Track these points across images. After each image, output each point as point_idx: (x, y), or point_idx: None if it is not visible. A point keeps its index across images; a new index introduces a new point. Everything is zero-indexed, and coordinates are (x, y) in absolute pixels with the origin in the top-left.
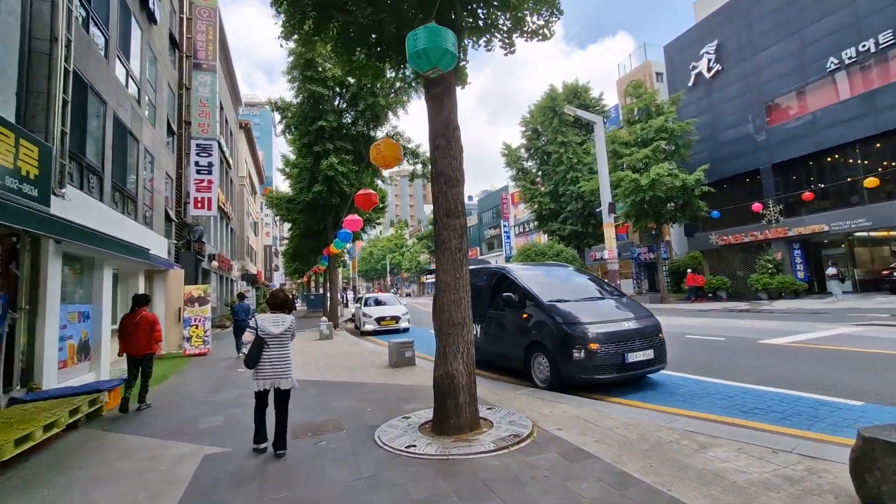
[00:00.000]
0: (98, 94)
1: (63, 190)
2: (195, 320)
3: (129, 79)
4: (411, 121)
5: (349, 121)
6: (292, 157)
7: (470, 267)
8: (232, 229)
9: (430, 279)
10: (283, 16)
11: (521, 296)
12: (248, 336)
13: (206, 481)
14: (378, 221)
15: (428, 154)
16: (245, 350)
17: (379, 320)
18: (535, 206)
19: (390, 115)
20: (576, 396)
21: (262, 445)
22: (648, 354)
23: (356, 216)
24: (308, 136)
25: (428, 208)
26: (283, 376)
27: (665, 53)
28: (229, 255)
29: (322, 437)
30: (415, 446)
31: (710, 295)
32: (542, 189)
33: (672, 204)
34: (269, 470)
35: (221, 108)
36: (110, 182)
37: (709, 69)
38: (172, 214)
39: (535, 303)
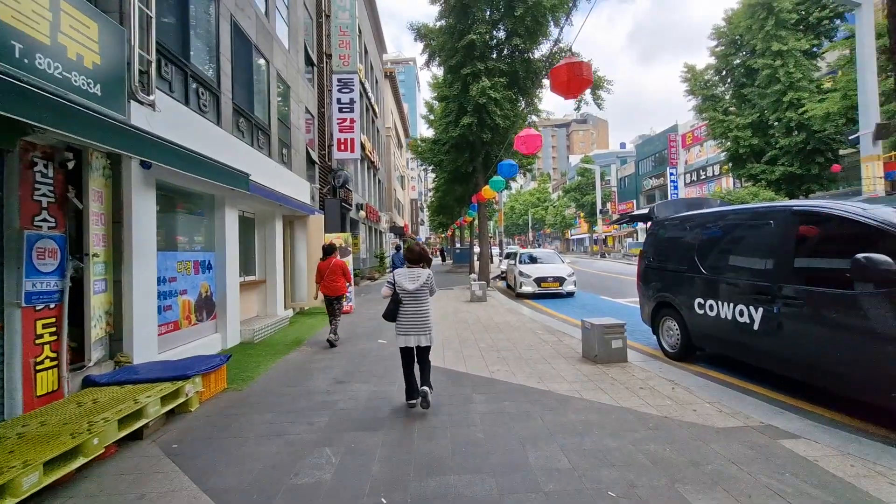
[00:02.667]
0: None
1: (151, 97)
2: None
3: None
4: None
5: (503, 35)
6: (436, 105)
7: (703, 210)
8: (379, 180)
9: (577, 235)
10: None
11: None
12: (385, 291)
13: None
14: (529, 167)
15: (600, 73)
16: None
17: (539, 281)
18: (729, 142)
19: (552, 24)
20: None
21: (414, 401)
22: None
23: (533, 130)
24: (456, 57)
25: (574, 159)
26: (422, 333)
27: None
28: (377, 205)
29: None
30: None
31: None
32: (740, 120)
33: None
34: None
35: (366, 52)
36: (230, 103)
37: None
38: (315, 157)
39: None
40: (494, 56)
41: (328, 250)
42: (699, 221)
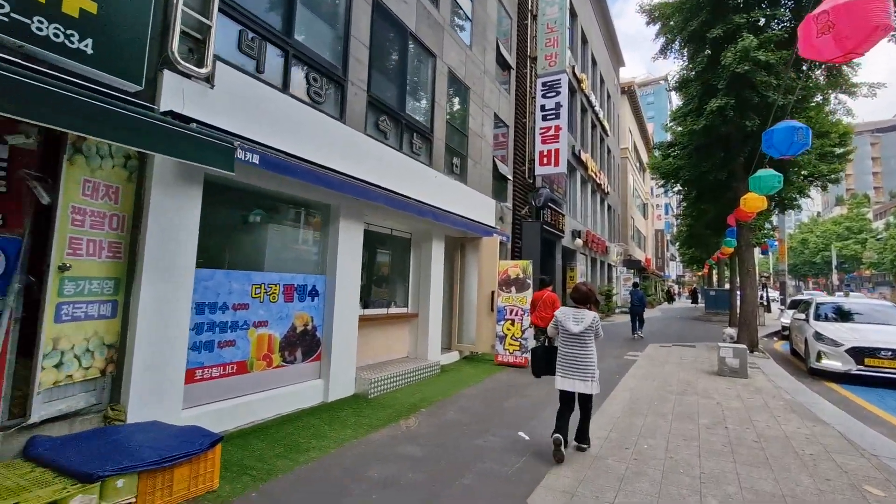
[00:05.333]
0: None
1: (204, 70)
2: (510, 313)
3: None
4: None
5: None
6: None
7: None
8: (609, 206)
9: None
10: None
11: None
12: (551, 330)
13: None
14: (831, 177)
15: None
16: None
17: (859, 354)
18: None
19: None
20: None
21: (557, 436)
22: None
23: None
24: (699, 17)
25: None
26: (584, 379)
27: None
28: (605, 235)
29: None
30: None
31: None
32: None
33: None
34: None
35: (594, 62)
36: (364, 95)
37: None
38: (507, 173)
39: None
40: (765, 4)
41: (543, 282)
42: None
